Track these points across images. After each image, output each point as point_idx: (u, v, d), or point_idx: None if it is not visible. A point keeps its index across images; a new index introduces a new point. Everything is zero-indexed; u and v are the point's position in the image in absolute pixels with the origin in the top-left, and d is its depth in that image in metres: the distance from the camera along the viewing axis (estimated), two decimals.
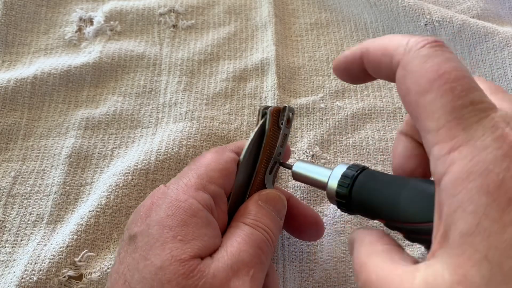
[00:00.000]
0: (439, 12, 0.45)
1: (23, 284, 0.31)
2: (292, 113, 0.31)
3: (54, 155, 0.39)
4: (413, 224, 0.21)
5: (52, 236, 0.34)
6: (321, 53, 0.46)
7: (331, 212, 0.36)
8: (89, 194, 0.37)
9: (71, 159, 0.38)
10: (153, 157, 0.37)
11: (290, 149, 0.37)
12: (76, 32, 0.46)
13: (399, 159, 0.25)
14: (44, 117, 0.41)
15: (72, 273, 0.32)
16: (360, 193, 0.25)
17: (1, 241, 0.34)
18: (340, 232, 0.34)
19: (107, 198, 0.35)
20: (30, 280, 0.31)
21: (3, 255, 0.34)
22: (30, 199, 0.36)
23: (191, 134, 0.39)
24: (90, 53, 0.44)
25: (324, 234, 0.35)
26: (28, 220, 0.35)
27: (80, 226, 0.34)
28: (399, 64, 0.20)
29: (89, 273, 0.32)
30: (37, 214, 0.35)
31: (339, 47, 0.46)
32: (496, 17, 0.48)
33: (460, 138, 0.17)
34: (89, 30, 0.46)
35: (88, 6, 0.49)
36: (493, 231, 0.16)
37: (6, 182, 0.37)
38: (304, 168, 0.29)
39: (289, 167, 0.30)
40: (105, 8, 0.48)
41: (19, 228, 0.35)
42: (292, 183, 0.37)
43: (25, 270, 0.32)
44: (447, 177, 0.17)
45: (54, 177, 0.37)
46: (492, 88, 0.21)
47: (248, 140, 0.29)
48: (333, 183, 0.26)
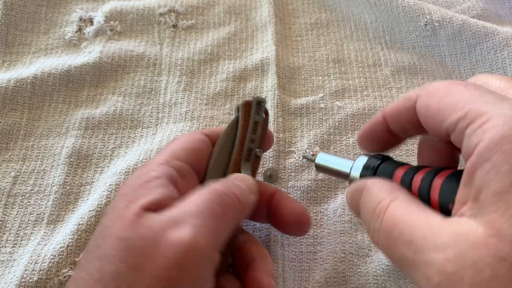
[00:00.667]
0: (439, 12, 0.45)
1: (23, 284, 0.31)
2: (262, 102, 0.32)
3: (54, 155, 0.39)
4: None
5: (52, 236, 0.34)
6: (321, 53, 0.46)
7: (331, 212, 0.36)
8: (89, 194, 0.37)
9: (71, 159, 0.38)
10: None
11: (290, 149, 0.37)
12: (76, 32, 0.47)
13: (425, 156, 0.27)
14: (44, 117, 0.41)
15: (73, 273, 0.32)
16: None
17: (1, 241, 0.34)
18: (340, 232, 0.34)
19: (107, 198, 0.35)
20: (30, 280, 0.31)
21: (3, 255, 0.34)
22: (30, 199, 0.36)
23: None
24: (90, 53, 0.44)
25: (324, 234, 0.35)
26: (28, 220, 0.35)
27: (81, 226, 0.34)
28: None
29: None
30: (37, 214, 0.36)
31: (339, 47, 0.46)
32: (496, 17, 0.48)
33: (489, 112, 0.19)
34: (89, 30, 0.46)
35: (88, 6, 0.49)
36: None
37: (6, 182, 0.37)
38: (327, 160, 0.31)
39: (312, 160, 0.32)
40: (105, 8, 0.48)
41: (19, 228, 0.35)
42: (292, 183, 0.37)
43: (25, 270, 0.32)
44: (481, 144, 0.18)
45: (54, 177, 0.37)
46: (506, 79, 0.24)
47: (222, 132, 0.31)
48: (356, 174, 0.27)
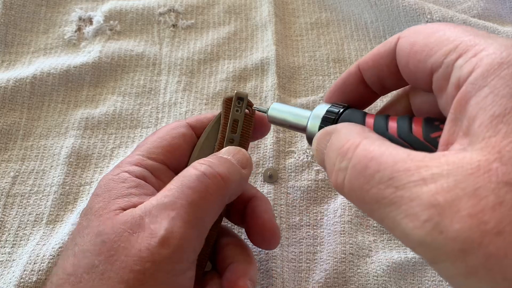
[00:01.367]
0: (440, 12, 0.45)
1: (22, 284, 0.31)
2: (242, 98, 0.30)
3: (54, 155, 0.39)
4: None
5: (52, 236, 0.34)
6: (321, 53, 0.46)
7: (331, 212, 0.36)
8: (89, 194, 0.36)
9: (71, 159, 0.38)
10: None
11: (290, 149, 0.37)
12: (76, 32, 0.46)
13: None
14: (44, 117, 0.41)
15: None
16: None
17: (0, 241, 0.34)
18: (340, 232, 0.34)
19: None
20: (29, 280, 0.31)
21: (2, 255, 0.33)
22: (30, 199, 0.36)
23: None
24: (90, 53, 0.44)
25: (324, 235, 0.35)
26: (28, 220, 0.35)
27: None
28: None
29: None
30: (37, 214, 0.35)
31: (340, 47, 0.46)
32: (497, 17, 0.48)
33: (483, 43, 0.18)
34: (89, 30, 0.46)
35: (88, 6, 0.48)
36: None
37: (6, 182, 0.37)
38: (281, 111, 0.28)
39: (264, 111, 0.29)
40: (105, 8, 0.47)
41: (19, 228, 0.35)
42: (292, 183, 0.37)
43: (24, 270, 0.32)
44: (476, 72, 0.17)
45: (54, 177, 0.37)
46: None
47: (208, 126, 0.30)
48: (315, 123, 0.25)
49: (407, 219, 0.15)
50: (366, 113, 0.24)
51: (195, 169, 0.25)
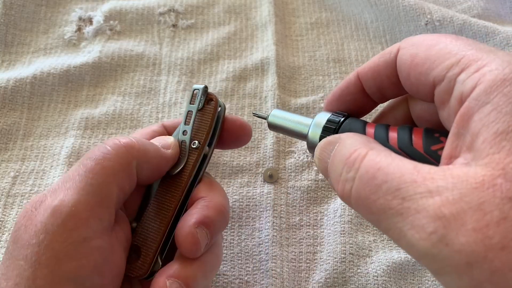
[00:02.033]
0: (440, 12, 0.45)
1: None
2: (196, 90, 0.30)
3: (54, 155, 0.39)
4: None
5: None
6: (322, 53, 0.46)
7: (331, 213, 0.36)
8: None
9: (71, 159, 0.38)
10: None
11: (290, 149, 0.37)
12: (76, 32, 0.46)
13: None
14: (44, 117, 0.41)
15: None
16: None
17: (1, 241, 0.34)
18: (340, 232, 0.34)
19: None
20: None
21: (2, 256, 0.33)
22: (30, 199, 0.36)
23: None
24: (90, 53, 0.44)
25: (324, 235, 0.35)
26: None
27: None
28: None
29: None
30: None
31: (340, 47, 0.46)
32: (497, 17, 0.48)
33: (486, 58, 0.18)
34: (89, 30, 0.46)
35: (88, 6, 0.48)
36: None
37: (6, 182, 0.37)
38: (282, 118, 0.28)
39: (264, 117, 0.29)
40: (105, 8, 0.47)
41: None
42: (292, 183, 0.37)
43: None
44: (478, 88, 0.17)
45: (54, 177, 0.37)
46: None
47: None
48: (316, 132, 0.25)
49: (413, 230, 0.15)
50: (367, 123, 0.24)
51: (100, 146, 0.26)
